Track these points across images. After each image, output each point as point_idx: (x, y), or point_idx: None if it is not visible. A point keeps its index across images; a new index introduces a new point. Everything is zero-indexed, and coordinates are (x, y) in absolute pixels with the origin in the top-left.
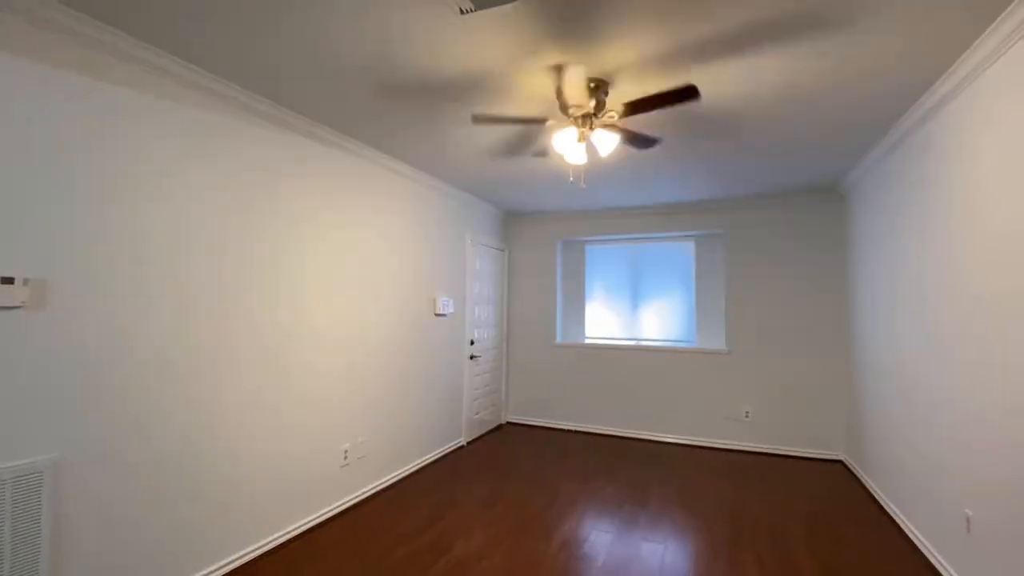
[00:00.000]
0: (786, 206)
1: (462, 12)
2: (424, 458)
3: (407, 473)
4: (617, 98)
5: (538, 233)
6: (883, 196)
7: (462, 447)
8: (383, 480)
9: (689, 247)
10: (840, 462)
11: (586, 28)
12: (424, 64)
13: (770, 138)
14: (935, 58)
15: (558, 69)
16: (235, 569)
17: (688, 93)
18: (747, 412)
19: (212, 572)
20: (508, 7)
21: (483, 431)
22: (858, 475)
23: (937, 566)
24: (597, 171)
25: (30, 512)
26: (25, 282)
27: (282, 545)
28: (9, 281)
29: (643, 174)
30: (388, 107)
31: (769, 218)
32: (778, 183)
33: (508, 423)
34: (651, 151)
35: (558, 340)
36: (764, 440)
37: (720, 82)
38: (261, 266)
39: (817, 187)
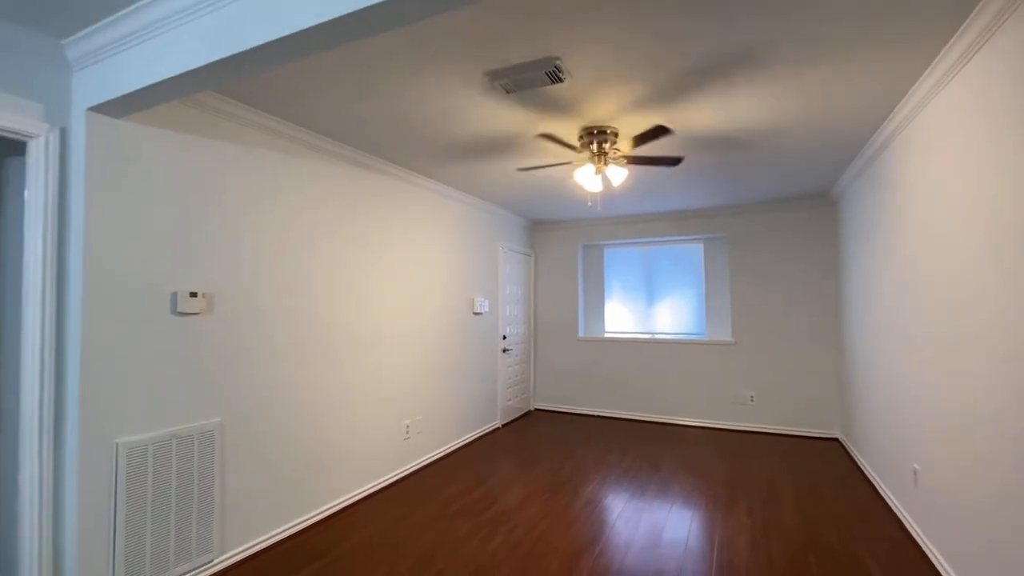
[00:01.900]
0: (784, 211)
1: (508, 92)
2: (467, 436)
3: (454, 448)
4: (626, 134)
5: (561, 239)
6: (856, 211)
7: (497, 429)
8: (435, 452)
9: (698, 248)
10: (836, 440)
11: (602, 102)
12: (474, 122)
13: (756, 159)
14: (876, 111)
15: (595, 130)
16: (341, 510)
17: (674, 161)
18: (751, 396)
19: (325, 510)
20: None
21: (515, 416)
22: (850, 450)
23: (898, 514)
24: (617, 185)
25: (207, 458)
26: (203, 295)
27: (370, 495)
28: (195, 295)
29: (654, 187)
30: (444, 150)
31: (769, 222)
32: (775, 192)
33: (536, 409)
34: (660, 169)
35: (580, 335)
36: (767, 421)
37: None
38: (350, 281)
39: (811, 195)
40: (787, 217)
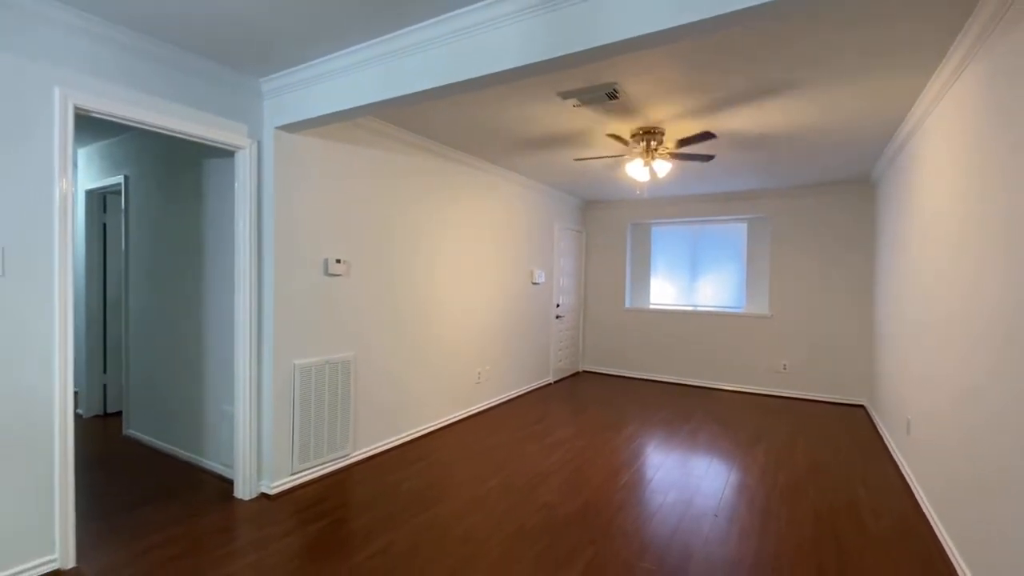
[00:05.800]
0: (826, 194)
1: (574, 106)
2: (524, 387)
3: (514, 396)
4: (672, 134)
5: (611, 217)
6: (886, 198)
7: (550, 384)
8: (499, 397)
9: (742, 228)
10: (862, 407)
11: (650, 115)
12: (543, 125)
13: (792, 152)
14: (887, 122)
15: (644, 131)
16: (431, 432)
17: (706, 158)
18: (784, 365)
19: (420, 430)
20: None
21: (565, 375)
22: (872, 415)
23: (896, 460)
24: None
25: (345, 381)
26: (344, 262)
27: (452, 424)
28: (339, 261)
29: (701, 173)
30: (517, 145)
31: (811, 204)
32: (816, 177)
33: (584, 371)
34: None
35: (627, 305)
36: (798, 388)
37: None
38: (438, 255)
39: (851, 179)
40: (828, 200)
